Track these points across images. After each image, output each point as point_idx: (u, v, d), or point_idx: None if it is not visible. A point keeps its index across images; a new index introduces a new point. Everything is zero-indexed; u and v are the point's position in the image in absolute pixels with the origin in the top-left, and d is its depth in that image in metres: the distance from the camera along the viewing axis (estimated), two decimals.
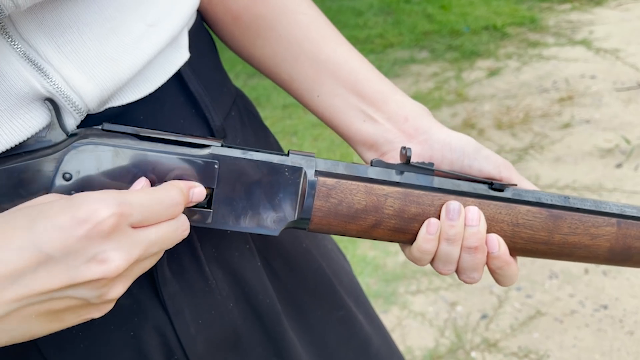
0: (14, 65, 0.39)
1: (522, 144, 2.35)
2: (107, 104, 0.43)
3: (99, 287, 0.35)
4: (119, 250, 0.35)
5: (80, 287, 0.35)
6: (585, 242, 0.50)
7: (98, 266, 0.35)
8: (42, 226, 0.34)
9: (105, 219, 0.35)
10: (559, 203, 0.50)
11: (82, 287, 0.35)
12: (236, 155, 0.44)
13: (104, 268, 0.35)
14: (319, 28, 0.54)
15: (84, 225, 0.34)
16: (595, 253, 0.50)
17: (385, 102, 0.52)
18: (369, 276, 1.87)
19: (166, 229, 0.39)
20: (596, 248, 0.50)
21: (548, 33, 3.14)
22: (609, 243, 0.50)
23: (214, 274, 0.51)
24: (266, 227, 0.46)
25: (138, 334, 0.47)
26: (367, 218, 0.47)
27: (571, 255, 0.51)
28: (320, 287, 0.61)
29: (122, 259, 0.35)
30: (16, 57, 0.39)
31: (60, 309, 0.36)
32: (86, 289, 0.35)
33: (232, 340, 0.53)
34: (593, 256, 0.51)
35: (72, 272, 0.34)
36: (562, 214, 0.49)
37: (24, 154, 0.40)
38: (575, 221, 0.49)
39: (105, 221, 0.35)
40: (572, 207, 0.50)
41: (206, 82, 0.52)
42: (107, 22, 0.42)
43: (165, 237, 0.39)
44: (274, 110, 2.86)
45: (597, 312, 1.66)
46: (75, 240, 0.34)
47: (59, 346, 0.44)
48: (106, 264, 0.35)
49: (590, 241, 0.50)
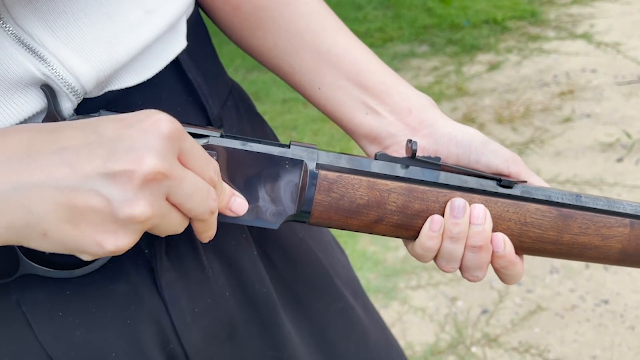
0: (7, 50, 0.38)
1: (522, 138, 2.34)
2: (106, 88, 0.43)
3: (126, 187, 0.34)
4: (158, 156, 0.35)
5: (109, 179, 0.34)
6: (596, 243, 0.48)
7: (135, 159, 0.34)
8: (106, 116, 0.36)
9: (166, 121, 0.36)
10: (569, 202, 0.48)
11: (111, 181, 0.34)
12: (236, 146, 0.43)
13: (139, 163, 0.34)
14: (320, 18, 0.53)
15: (145, 121, 0.35)
16: (606, 254, 0.49)
17: (389, 94, 0.51)
18: (369, 271, 1.87)
19: (202, 182, 0.38)
20: (607, 249, 0.48)
21: (549, 27, 3.12)
22: (621, 244, 0.48)
23: (211, 263, 0.50)
24: (265, 220, 0.45)
25: (134, 322, 0.46)
26: (369, 213, 0.45)
27: (580, 256, 0.49)
28: (317, 278, 0.60)
29: (158, 163, 0.35)
30: (9, 42, 0.38)
31: (80, 208, 0.34)
32: (114, 184, 0.34)
33: (227, 330, 0.52)
34: (603, 257, 0.49)
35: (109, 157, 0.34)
36: (573, 213, 0.47)
37: None
38: (586, 221, 0.48)
39: (165, 123, 0.35)
40: (583, 206, 0.48)
41: (204, 71, 0.51)
42: (103, 7, 0.42)
43: (198, 187, 0.38)
44: (274, 104, 2.84)
45: (598, 307, 1.66)
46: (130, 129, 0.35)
47: (56, 334, 0.44)
48: (142, 160, 0.34)
49: (601, 242, 0.48)
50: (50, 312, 0.44)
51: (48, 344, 0.44)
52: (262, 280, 0.54)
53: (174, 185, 0.36)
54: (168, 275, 0.47)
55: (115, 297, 0.45)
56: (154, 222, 0.36)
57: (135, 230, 0.36)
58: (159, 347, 0.48)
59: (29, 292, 0.43)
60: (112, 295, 0.45)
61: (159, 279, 0.47)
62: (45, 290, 0.43)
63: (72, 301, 0.44)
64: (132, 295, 0.46)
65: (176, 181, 0.36)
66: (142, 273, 0.46)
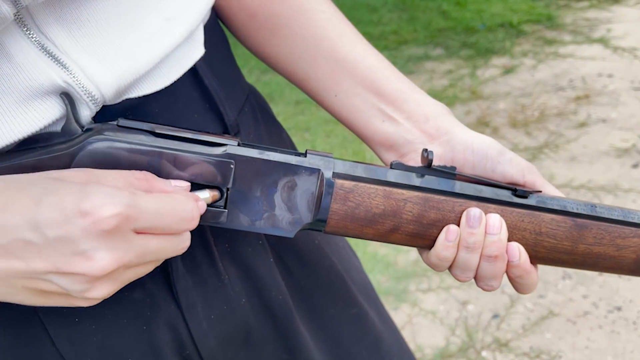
0: (30, 57, 0.39)
1: (536, 142, 2.33)
2: (124, 96, 0.43)
3: (81, 282, 0.35)
4: (110, 251, 0.34)
5: (62, 276, 0.35)
6: (611, 253, 0.48)
7: (84, 262, 0.34)
8: (48, 203, 0.34)
9: (108, 217, 0.34)
10: (585, 212, 0.48)
11: (64, 278, 0.35)
12: (253, 155, 0.43)
13: (89, 265, 0.34)
14: (336, 26, 0.53)
15: (86, 218, 0.34)
16: (620, 264, 0.49)
17: (405, 100, 0.51)
18: (380, 273, 1.87)
19: (169, 242, 0.38)
20: (621, 259, 0.48)
21: (565, 31, 3.10)
22: (636, 255, 0.48)
23: (227, 270, 0.51)
24: (281, 229, 0.45)
25: (150, 328, 0.47)
26: (385, 222, 0.46)
27: (595, 266, 0.49)
28: (332, 284, 0.60)
29: (110, 261, 0.34)
30: (32, 49, 0.39)
31: (44, 290, 0.36)
32: (68, 280, 0.35)
33: (243, 336, 0.53)
34: (618, 267, 0.49)
35: (57, 259, 0.34)
36: (588, 224, 0.47)
37: (39, 149, 0.40)
38: (602, 231, 0.48)
39: (107, 220, 0.34)
40: (598, 216, 0.48)
41: (220, 78, 0.51)
42: (125, 16, 0.42)
43: (165, 249, 0.38)
44: (287, 106, 2.85)
45: (611, 313, 1.64)
46: (72, 229, 0.34)
47: (72, 340, 0.45)
48: (92, 261, 0.34)
49: (616, 252, 0.48)
50: (67, 318, 0.44)
51: (64, 349, 0.44)
52: (278, 287, 0.54)
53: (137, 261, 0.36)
54: (184, 282, 0.48)
55: (132, 303, 0.46)
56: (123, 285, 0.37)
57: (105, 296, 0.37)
58: (176, 353, 0.48)
59: None
60: (128, 301, 0.46)
61: (174, 286, 0.47)
62: None
63: (88, 308, 0.44)
64: (148, 302, 0.47)
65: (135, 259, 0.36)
66: (158, 280, 0.47)
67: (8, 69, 0.38)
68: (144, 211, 0.36)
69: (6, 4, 0.35)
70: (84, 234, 0.34)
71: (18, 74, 0.38)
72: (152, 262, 0.39)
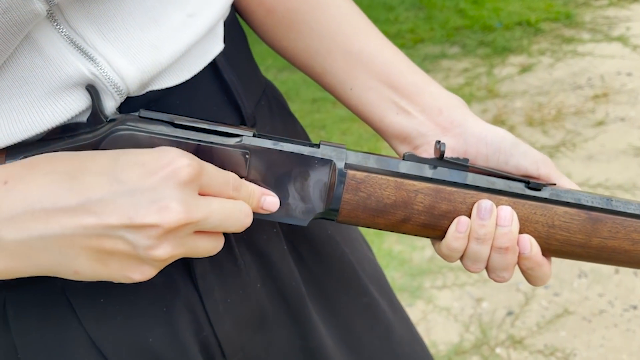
0: (60, 50, 0.40)
1: (553, 141, 2.32)
2: (148, 88, 0.45)
3: (151, 236, 0.36)
4: (183, 204, 0.36)
5: (134, 230, 0.36)
6: (626, 247, 0.48)
7: (159, 211, 0.36)
8: (127, 160, 0.37)
9: (185, 167, 0.37)
10: (599, 205, 0.47)
11: (135, 231, 0.36)
12: (267, 145, 0.45)
13: (163, 215, 0.36)
14: (352, 20, 0.54)
15: (165, 169, 0.36)
16: (635, 258, 0.48)
17: (419, 94, 0.52)
18: (395, 270, 1.88)
19: (229, 205, 0.40)
20: (637, 254, 0.48)
21: (584, 29, 3.07)
22: None
23: (243, 256, 0.52)
24: (295, 217, 0.46)
25: (170, 310, 0.48)
26: (396, 213, 0.46)
27: (609, 260, 0.49)
28: (344, 273, 0.61)
29: (182, 213, 0.36)
30: (62, 43, 0.41)
31: (108, 251, 0.37)
32: (139, 234, 0.36)
33: (258, 321, 0.54)
34: (633, 261, 0.49)
35: (132, 211, 0.36)
36: (603, 217, 0.47)
37: (66, 138, 0.42)
38: (617, 225, 0.47)
39: (184, 169, 0.37)
40: (613, 210, 0.47)
41: (239, 72, 0.53)
42: (149, 12, 0.44)
43: (227, 212, 0.40)
44: (303, 104, 2.87)
45: (627, 312, 1.64)
46: (152, 179, 0.36)
47: (98, 319, 0.46)
48: (166, 211, 0.36)
49: (631, 246, 0.47)
50: (93, 298, 0.46)
51: (91, 328, 0.46)
52: (291, 274, 0.55)
53: (200, 225, 0.38)
54: (202, 267, 0.49)
55: (152, 286, 0.47)
56: (179, 256, 0.39)
57: (160, 265, 0.39)
58: (193, 335, 0.50)
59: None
60: (149, 284, 0.46)
61: (193, 270, 0.49)
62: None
63: (112, 289, 0.46)
64: (168, 285, 0.48)
65: (201, 221, 0.38)
66: (178, 265, 0.48)
67: (39, 61, 0.40)
68: (206, 168, 0.39)
69: (40, 2, 0.37)
70: (163, 183, 0.36)
71: (48, 67, 0.40)
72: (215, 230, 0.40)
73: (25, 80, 0.40)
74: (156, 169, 0.37)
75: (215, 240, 0.41)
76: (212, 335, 0.51)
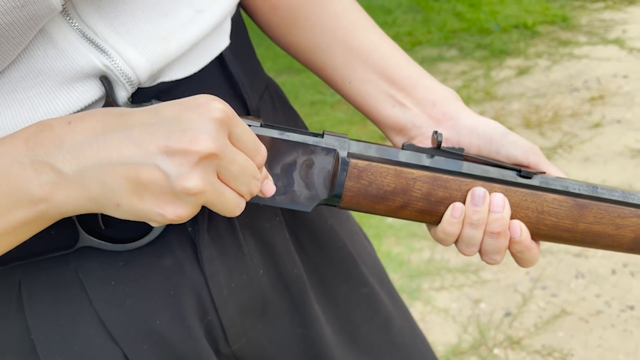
0: (72, 43, 0.42)
1: (550, 143, 2.33)
2: (158, 79, 0.47)
3: (184, 163, 0.38)
4: (212, 137, 0.38)
5: (169, 156, 0.37)
6: (610, 232, 0.50)
7: (190, 140, 0.38)
8: (167, 104, 0.40)
9: (219, 108, 0.39)
10: (586, 192, 0.50)
11: (170, 158, 0.37)
12: (274, 135, 0.46)
13: (194, 143, 0.38)
14: (351, 16, 0.56)
15: (201, 106, 0.39)
16: (619, 242, 0.51)
17: (415, 87, 0.54)
18: (393, 271, 1.88)
19: (251, 166, 0.41)
20: (620, 238, 0.51)
21: (580, 32, 3.09)
22: (634, 234, 0.50)
23: (247, 242, 0.54)
24: (300, 203, 0.48)
25: (177, 293, 0.50)
26: (395, 199, 0.48)
27: (594, 243, 0.51)
28: (344, 263, 0.63)
29: (211, 143, 0.38)
30: (75, 36, 0.42)
31: (144, 182, 0.38)
32: (172, 160, 0.37)
33: (260, 307, 0.56)
34: (616, 245, 0.51)
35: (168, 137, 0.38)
36: (588, 204, 0.50)
37: None
38: (601, 211, 0.50)
39: (218, 108, 0.39)
40: (599, 197, 0.50)
41: (244, 67, 0.55)
42: (158, 6, 0.46)
43: (248, 170, 0.41)
44: (302, 107, 2.88)
45: (624, 312, 1.64)
46: (188, 113, 0.38)
47: (108, 301, 0.48)
48: (197, 140, 0.38)
49: (615, 231, 0.50)
50: (104, 281, 0.48)
51: (101, 309, 0.48)
52: (293, 261, 0.57)
53: (223, 165, 0.39)
54: (208, 252, 0.51)
55: (161, 269, 0.49)
56: (207, 197, 0.39)
57: (191, 203, 0.39)
58: (198, 318, 0.51)
59: (85, 262, 0.47)
60: (158, 267, 0.49)
61: (200, 255, 0.50)
62: (100, 261, 0.48)
63: (123, 272, 0.48)
64: (176, 268, 0.50)
65: (225, 161, 0.39)
66: (186, 248, 0.50)
67: (53, 53, 0.42)
68: (244, 126, 0.41)
69: None
70: (197, 117, 0.38)
71: (62, 58, 0.42)
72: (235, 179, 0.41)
73: (39, 72, 0.41)
74: (192, 107, 0.39)
75: (240, 200, 0.42)
76: (217, 320, 0.52)
